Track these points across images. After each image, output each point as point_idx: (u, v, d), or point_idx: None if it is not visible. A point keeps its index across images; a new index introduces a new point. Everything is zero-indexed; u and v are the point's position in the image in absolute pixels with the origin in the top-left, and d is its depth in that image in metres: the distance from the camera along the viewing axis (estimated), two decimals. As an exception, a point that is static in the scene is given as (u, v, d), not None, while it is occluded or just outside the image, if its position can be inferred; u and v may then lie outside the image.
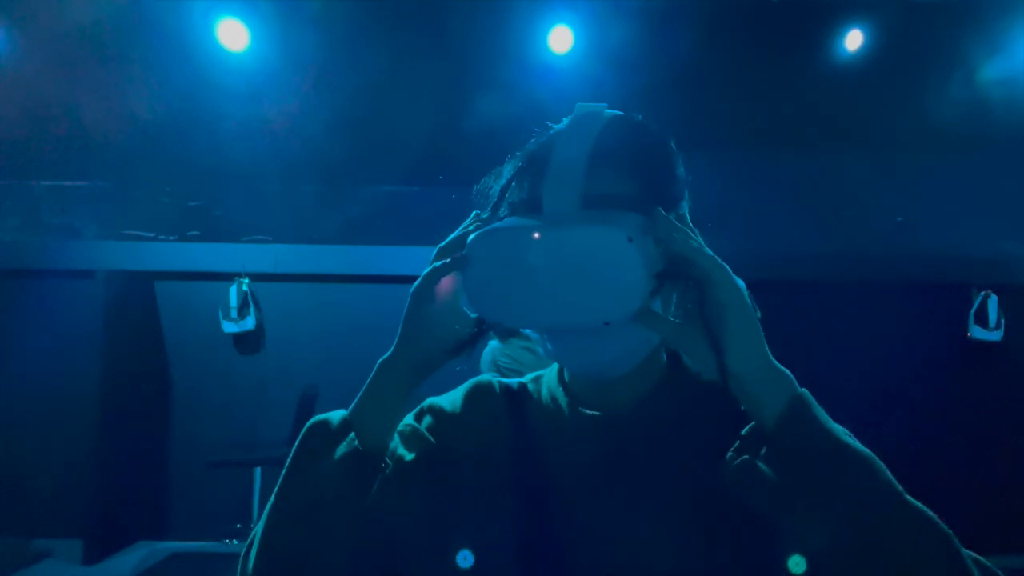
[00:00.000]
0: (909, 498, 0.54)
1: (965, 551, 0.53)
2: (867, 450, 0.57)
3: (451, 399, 0.81)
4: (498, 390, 0.81)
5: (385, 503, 0.67)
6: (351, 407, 0.70)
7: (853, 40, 4.39)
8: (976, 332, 4.45)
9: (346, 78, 4.37)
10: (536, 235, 0.59)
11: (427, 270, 0.67)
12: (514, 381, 0.83)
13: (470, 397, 0.80)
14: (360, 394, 0.70)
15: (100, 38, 3.99)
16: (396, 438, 0.75)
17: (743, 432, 0.60)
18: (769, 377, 0.59)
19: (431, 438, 0.76)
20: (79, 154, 4.60)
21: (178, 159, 4.62)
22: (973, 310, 4.46)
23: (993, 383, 4.54)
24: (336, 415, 0.70)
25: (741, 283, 0.59)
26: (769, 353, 0.59)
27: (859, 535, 0.53)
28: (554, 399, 0.77)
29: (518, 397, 0.80)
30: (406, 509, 0.69)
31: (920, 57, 4.44)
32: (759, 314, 0.59)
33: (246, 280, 4.59)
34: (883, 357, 4.46)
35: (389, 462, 0.71)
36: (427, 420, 0.79)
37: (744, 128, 4.61)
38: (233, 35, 4.28)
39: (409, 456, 0.73)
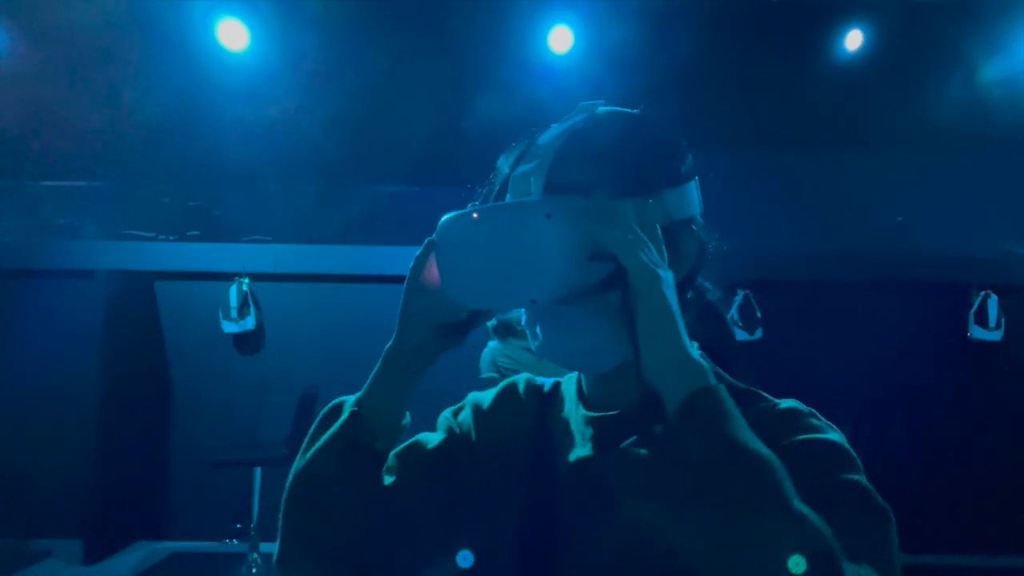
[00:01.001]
0: (799, 506, 0.50)
1: (852, 566, 0.50)
2: (768, 453, 0.52)
3: (486, 396, 0.82)
4: (530, 390, 0.82)
5: (399, 489, 0.69)
6: (361, 391, 0.72)
7: (853, 40, 4.39)
8: (976, 332, 4.45)
9: (346, 78, 4.37)
10: (475, 215, 0.61)
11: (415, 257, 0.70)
12: (549, 381, 0.84)
13: (501, 396, 0.82)
14: (369, 379, 0.72)
15: (100, 38, 3.99)
16: (437, 427, 0.78)
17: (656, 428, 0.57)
18: (677, 368, 0.56)
19: (458, 432, 0.78)
20: (79, 154, 4.59)
21: (178, 159, 4.61)
22: (973, 310, 4.46)
23: (993, 383, 4.54)
24: (350, 398, 0.72)
25: (666, 275, 0.58)
26: (686, 345, 0.57)
27: (728, 539, 0.50)
28: (571, 400, 0.78)
29: (547, 398, 0.81)
30: (417, 498, 0.70)
31: (920, 57, 4.43)
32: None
33: (246, 280, 4.58)
34: (883, 357, 4.45)
35: (394, 447, 0.72)
36: (463, 414, 0.81)
37: (744, 128, 4.60)
38: (233, 35, 4.28)
39: (431, 446, 0.75)
